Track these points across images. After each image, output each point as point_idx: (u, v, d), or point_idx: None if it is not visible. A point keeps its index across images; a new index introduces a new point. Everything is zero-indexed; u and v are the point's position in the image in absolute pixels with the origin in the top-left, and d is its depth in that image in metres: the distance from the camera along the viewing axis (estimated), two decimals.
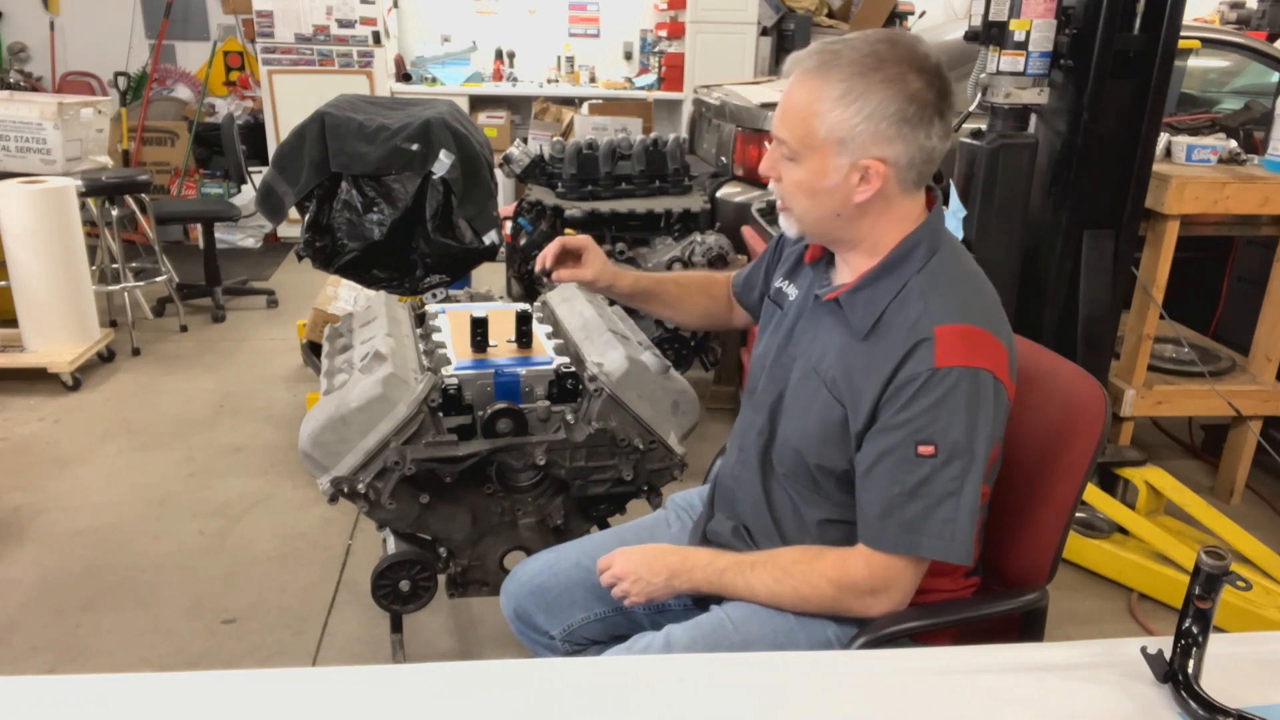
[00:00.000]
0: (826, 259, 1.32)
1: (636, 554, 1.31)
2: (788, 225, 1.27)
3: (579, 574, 1.46)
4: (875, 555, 1.18)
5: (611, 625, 1.44)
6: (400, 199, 2.90)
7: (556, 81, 6.52)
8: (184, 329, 4.45)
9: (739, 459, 1.39)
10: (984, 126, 2.65)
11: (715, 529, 1.43)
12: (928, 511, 1.14)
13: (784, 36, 5.95)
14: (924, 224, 1.23)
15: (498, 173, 3.23)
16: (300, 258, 3.01)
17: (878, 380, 1.17)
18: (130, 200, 4.46)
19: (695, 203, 3.43)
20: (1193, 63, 4.18)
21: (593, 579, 1.42)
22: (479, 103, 6.25)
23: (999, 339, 1.18)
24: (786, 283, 1.40)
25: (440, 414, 1.72)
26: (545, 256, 1.53)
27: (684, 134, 4.12)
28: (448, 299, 2.29)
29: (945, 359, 1.13)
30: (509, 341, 1.88)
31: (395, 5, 6.34)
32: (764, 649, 1.23)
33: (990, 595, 1.35)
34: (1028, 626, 1.34)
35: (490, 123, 6.11)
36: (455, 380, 1.72)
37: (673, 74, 6.15)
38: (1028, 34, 2.43)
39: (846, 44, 1.16)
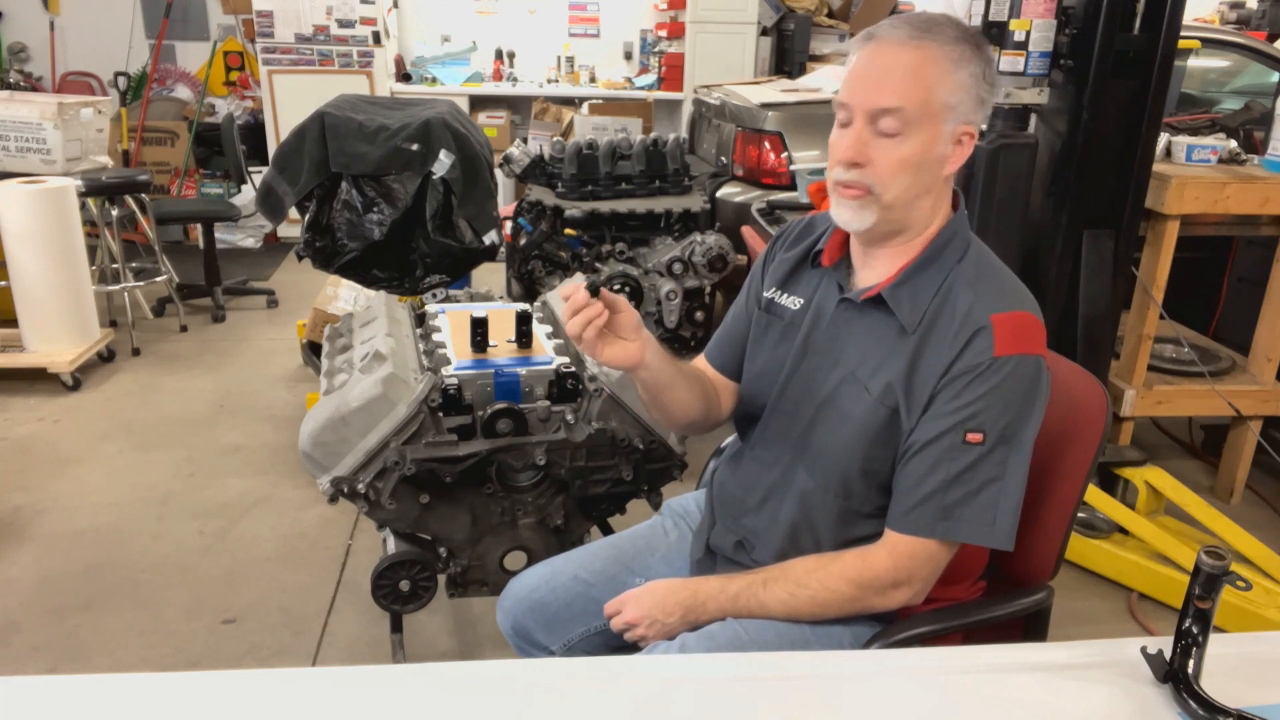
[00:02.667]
0: (842, 262, 1.29)
1: (646, 598, 1.26)
2: (861, 216, 1.17)
3: (578, 587, 1.42)
4: (901, 543, 1.16)
5: (612, 638, 1.40)
6: (400, 199, 2.90)
7: (556, 81, 6.52)
8: (184, 329, 4.45)
9: (758, 472, 1.34)
10: (984, 126, 2.65)
11: (718, 542, 1.39)
12: (968, 498, 1.13)
13: (784, 36, 5.95)
14: (959, 214, 1.23)
15: (498, 173, 3.23)
16: (300, 258, 3.01)
17: (935, 372, 1.15)
18: (130, 200, 4.46)
19: (695, 203, 3.43)
20: (1193, 63, 4.18)
21: (592, 592, 1.41)
22: (479, 103, 6.25)
23: (1041, 321, 1.19)
24: (780, 293, 1.35)
25: (440, 414, 1.72)
26: (582, 328, 1.20)
27: (684, 134, 4.12)
28: (448, 299, 2.29)
29: (1004, 347, 1.13)
30: (509, 341, 1.88)
31: (395, 5, 6.34)
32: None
33: (997, 596, 1.35)
34: (1032, 624, 1.35)
35: (490, 123, 6.11)
36: (455, 380, 1.72)
37: (673, 74, 6.15)
38: (1028, 34, 2.44)
39: (926, 17, 1.16)
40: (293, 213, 3.05)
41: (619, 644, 1.41)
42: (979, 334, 1.13)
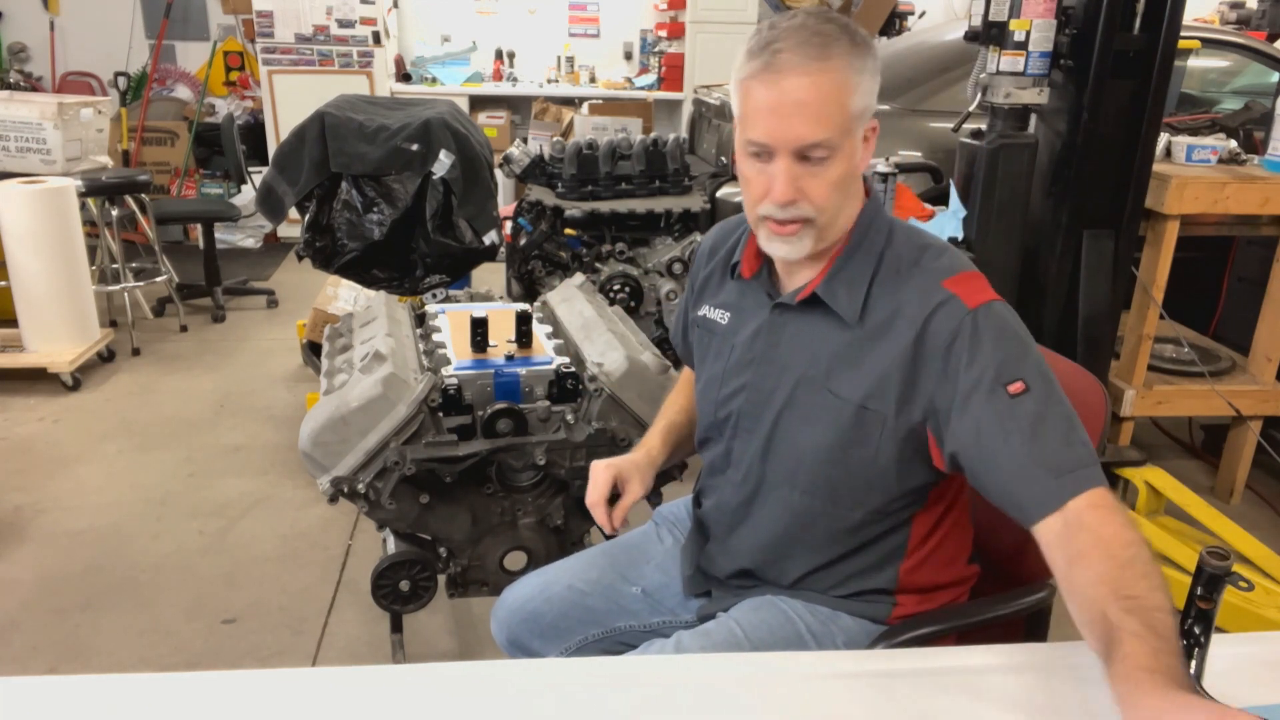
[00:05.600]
0: (766, 268, 1.25)
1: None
2: (799, 246, 1.15)
3: (573, 597, 1.40)
4: (1081, 512, 1.00)
5: (608, 646, 1.41)
6: (400, 199, 2.90)
7: (556, 81, 6.52)
8: (184, 329, 4.44)
9: (731, 493, 1.30)
10: (984, 126, 2.65)
11: (708, 565, 1.36)
12: (1065, 440, 1.03)
13: None
14: (872, 198, 1.21)
15: (498, 173, 3.23)
16: (300, 258, 3.01)
17: (899, 355, 1.11)
18: (130, 200, 4.46)
19: (695, 203, 3.43)
20: (1193, 63, 4.17)
21: (587, 601, 1.40)
22: (479, 103, 6.24)
23: (984, 276, 1.16)
24: (710, 308, 1.32)
25: (440, 414, 1.72)
26: (605, 515, 1.34)
27: (684, 134, 4.12)
28: (448, 299, 2.29)
29: (973, 299, 1.10)
30: (509, 341, 1.88)
31: (395, 5, 6.34)
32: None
33: (998, 596, 1.35)
34: (1032, 624, 1.35)
35: (490, 123, 6.11)
36: (455, 380, 1.72)
37: (673, 74, 6.15)
38: (1028, 34, 2.44)
39: (803, 25, 1.09)
40: (293, 213, 3.05)
41: (615, 651, 1.40)
42: (942, 304, 1.10)
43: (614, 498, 1.37)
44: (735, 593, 1.33)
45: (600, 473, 1.35)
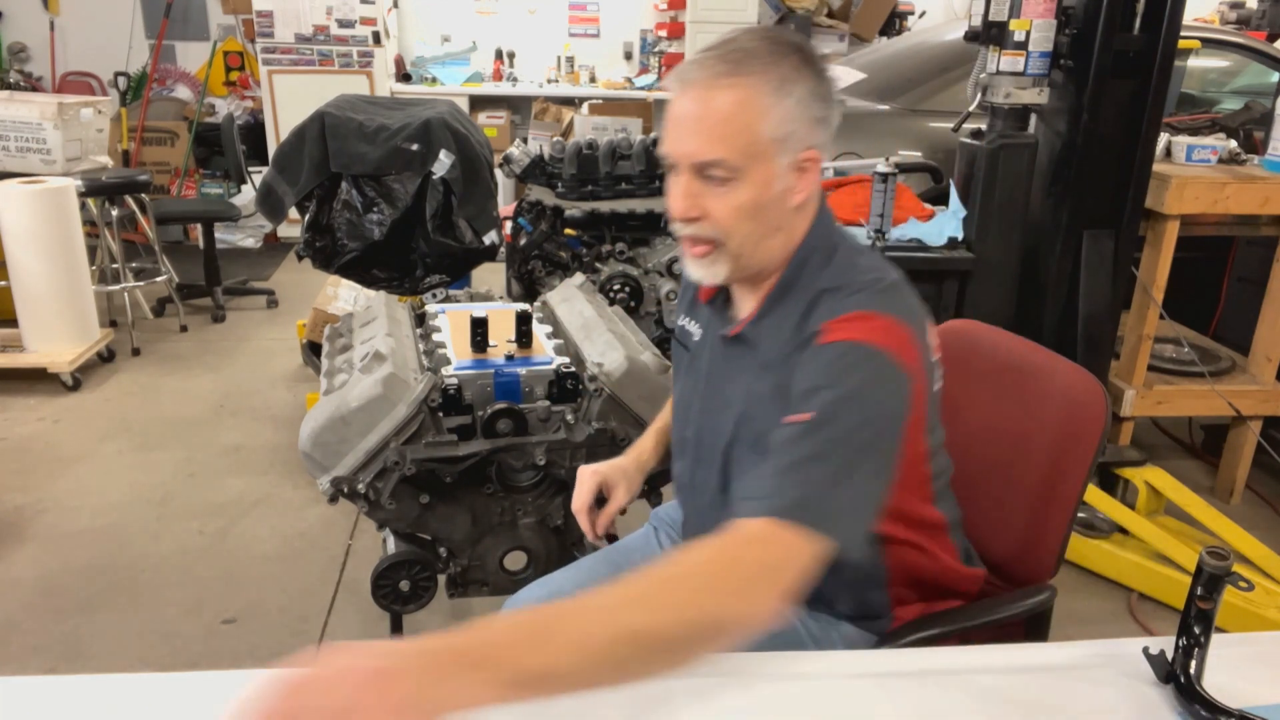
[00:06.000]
0: (721, 296, 1.20)
1: (329, 665, 0.71)
2: (713, 270, 1.10)
3: None
4: (765, 529, 0.94)
5: None
6: (400, 199, 2.90)
7: (556, 81, 6.52)
8: (184, 329, 4.44)
9: (695, 519, 1.28)
10: (984, 126, 2.65)
11: None
12: (790, 469, 0.96)
13: None
14: (815, 224, 1.11)
15: (498, 173, 3.23)
16: (300, 258, 3.01)
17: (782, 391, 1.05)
18: (130, 200, 4.46)
19: None
20: (1193, 63, 4.18)
21: None
22: (479, 103, 6.24)
23: (908, 326, 1.04)
24: (688, 319, 1.29)
25: (440, 414, 1.72)
26: (589, 522, 1.37)
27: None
28: (448, 299, 2.29)
29: (832, 337, 1.02)
30: (509, 341, 1.88)
31: (395, 5, 6.34)
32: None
33: (1000, 597, 1.35)
34: (1033, 626, 1.35)
35: (490, 123, 6.11)
36: (455, 380, 1.72)
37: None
38: (1028, 34, 2.44)
39: (736, 44, 1.04)
40: (293, 213, 3.05)
41: None
42: (811, 337, 1.04)
43: (603, 503, 1.36)
44: None
45: (586, 479, 1.35)
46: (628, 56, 6.74)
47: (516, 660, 0.75)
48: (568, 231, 3.34)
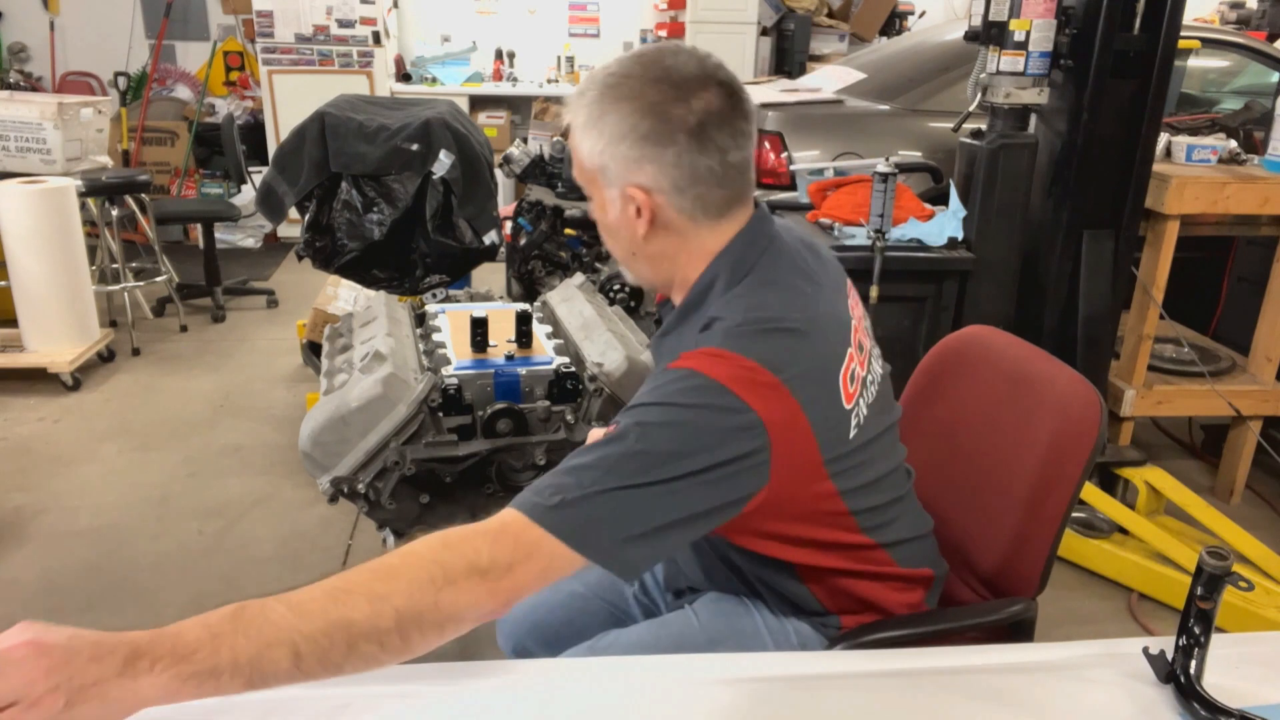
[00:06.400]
0: (668, 304, 1.22)
1: (41, 644, 0.73)
2: (623, 271, 1.19)
3: (577, 603, 1.41)
4: (510, 523, 0.94)
5: None
6: (400, 199, 2.90)
7: (556, 81, 6.52)
8: (184, 329, 4.44)
9: None
10: (984, 126, 2.65)
11: (687, 570, 1.35)
12: (562, 480, 0.93)
13: (784, 36, 5.96)
14: (724, 251, 1.08)
15: (498, 173, 3.23)
16: (300, 258, 3.01)
17: None
18: (130, 200, 4.46)
19: None
20: (1193, 63, 4.18)
21: (591, 605, 1.40)
22: (479, 103, 6.25)
23: (776, 375, 0.97)
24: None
25: (440, 414, 1.72)
26: None
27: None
28: (448, 299, 2.29)
29: (676, 364, 0.99)
30: (509, 341, 1.88)
31: (395, 5, 6.34)
32: (729, 649, 1.20)
33: (976, 605, 1.33)
34: (1015, 635, 1.29)
35: (490, 123, 6.11)
36: (455, 380, 1.72)
37: None
38: (1028, 34, 2.44)
39: (603, 68, 1.07)
40: (293, 213, 3.05)
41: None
42: (663, 369, 1.01)
43: None
44: (707, 587, 1.33)
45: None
46: None
47: (213, 659, 0.77)
48: (568, 231, 3.34)
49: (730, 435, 0.95)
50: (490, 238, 2.98)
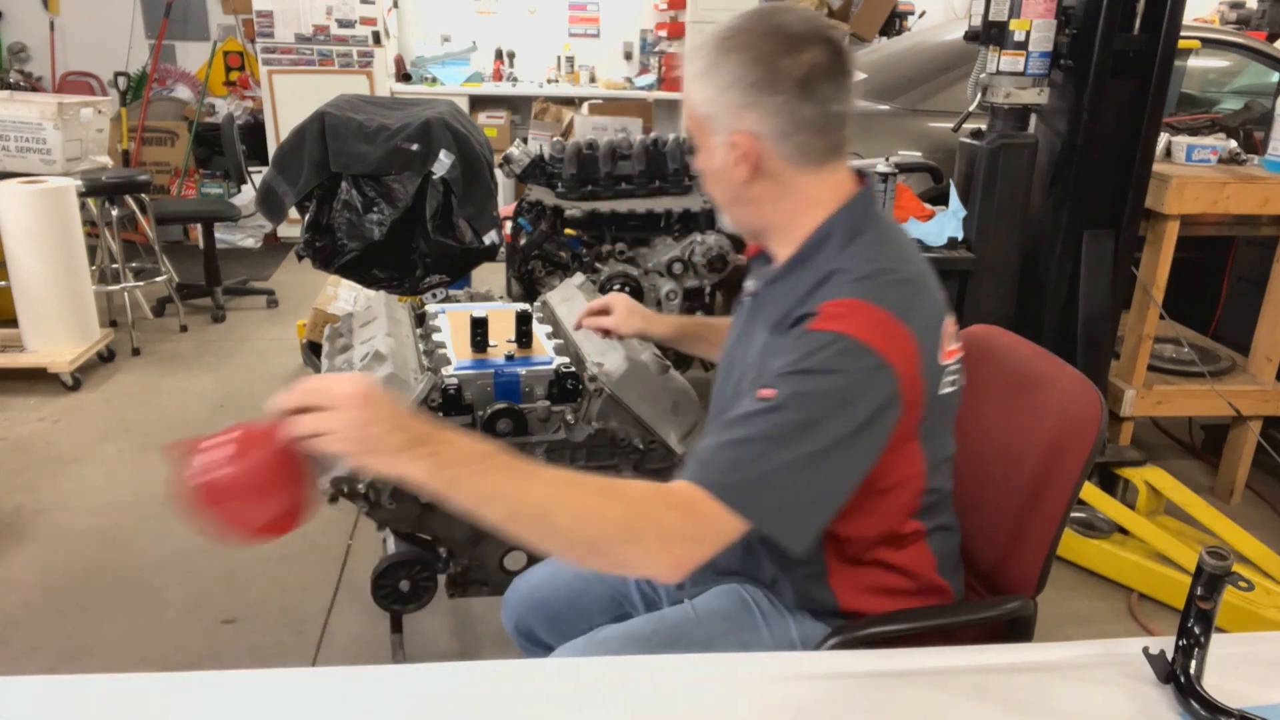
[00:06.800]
0: (764, 254, 1.26)
1: (352, 411, 0.91)
2: (720, 219, 1.26)
3: (579, 585, 1.43)
4: (685, 490, 0.99)
5: None
6: (400, 199, 2.90)
7: (556, 81, 6.52)
8: (184, 329, 4.44)
9: None
10: (984, 126, 2.65)
11: None
12: (734, 449, 0.99)
13: None
14: (842, 208, 1.15)
15: (498, 173, 3.23)
16: (300, 258, 3.01)
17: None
18: (130, 200, 4.46)
19: (695, 203, 3.43)
20: (1193, 63, 4.18)
21: (593, 589, 1.41)
22: (479, 103, 6.25)
23: (905, 324, 1.04)
24: (750, 280, 1.33)
25: (440, 414, 1.72)
26: (579, 316, 1.60)
27: (684, 134, 4.10)
28: (448, 299, 2.29)
29: (819, 324, 1.03)
30: (509, 341, 1.88)
31: (395, 5, 6.34)
32: (727, 646, 1.20)
33: (972, 602, 1.33)
34: (1013, 637, 1.30)
35: (490, 123, 6.11)
36: (455, 380, 1.72)
37: (673, 74, 6.15)
38: (1028, 34, 2.44)
39: (720, 23, 1.14)
40: (293, 213, 3.06)
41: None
42: (803, 318, 1.06)
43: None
44: (713, 580, 1.33)
45: (607, 298, 1.60)
46: (628, 56, 6.74)
47: (461, 472, 0.93)
48: (568, 231, 3.34)
49: (878, 393, 1.02)
50: (490, 238, 2.98)
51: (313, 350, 3.44)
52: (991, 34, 2.49)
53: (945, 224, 2.64)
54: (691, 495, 0.97)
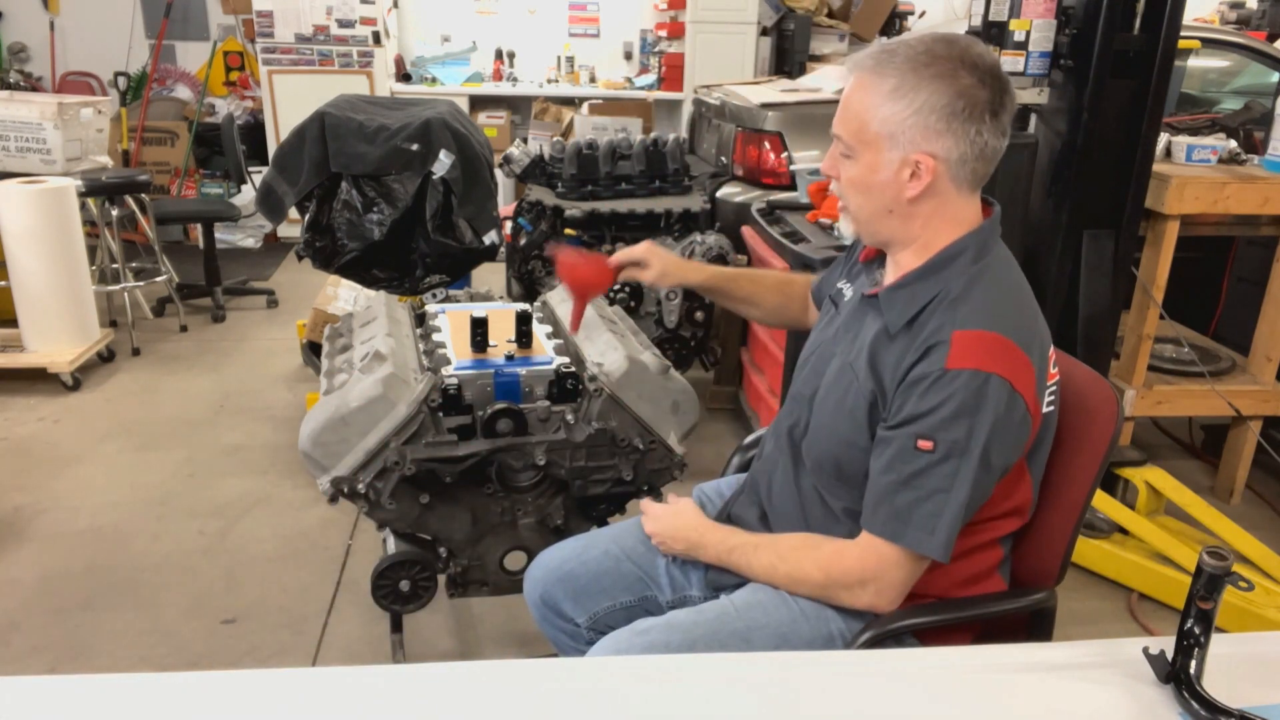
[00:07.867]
0: (880, 259, 1.35)
1: (667, 519, 1.41)
2: (844, 224, 1.31)
3: (608, 562, 1.46)
4: (869, 543, 1.20)
5: (636, 614, 1.44)
6: (400, 199, 2.90)
7: (556, 81, 6.52)
8: (184, 329, 4.45)
9: (774, 449, 1.42)
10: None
11: (739, 512, 1.46)
12: (916, 503, 1.16)
13: (784, 36, 5.95)
14: (976, 230, 1.24)
15: (498, 173, 3.22)
16: (300, 258, 3.01)
17: (894, 376, 1.19)
18: (130, 200, 4.46)
19: (695, 203, 3.43)
20: (1193, 63, 4.18)
21: (621, 567, 1.45)
22: (479, 103, 6.24)
23: (1027, 354, 1.17)
24: (846, 283, 1.42)
25: (440, 414, 1.72)
26: (614, 262, 1.62)
27: (684, 134, 4.11)
28: (448, 299, 2.28)
29: (957, 361, 1.14)
30: (509, 341, 1.88)
31: (395, 5, 6.34)
32: (765, 638, 1.25)
33: (995, 595, 1.35)
34: (1035, 628, 1.35)
35: (490, 123, 6.11)
36: (455, 380, 1.72)
37: (673, 74, 6.15)
38: (1028, 34, 2.43)
39: (903, 43, 1.19)
40: (293, 213, 3.05)
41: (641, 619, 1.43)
42: (936, 348, 1.16)
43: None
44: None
45: (636, 249, 1.61)
46: (628, 56, 6.74)
47: (724, 557, 1.35)
48: (568, 231, 3.34)
49: (1015, 421, 1.17)
50: (490, 238, 2.98)
51: (313, 350, 3.44)
52: (991, 34, 2.49)
53: None
54: (876, 546, 1.19)
